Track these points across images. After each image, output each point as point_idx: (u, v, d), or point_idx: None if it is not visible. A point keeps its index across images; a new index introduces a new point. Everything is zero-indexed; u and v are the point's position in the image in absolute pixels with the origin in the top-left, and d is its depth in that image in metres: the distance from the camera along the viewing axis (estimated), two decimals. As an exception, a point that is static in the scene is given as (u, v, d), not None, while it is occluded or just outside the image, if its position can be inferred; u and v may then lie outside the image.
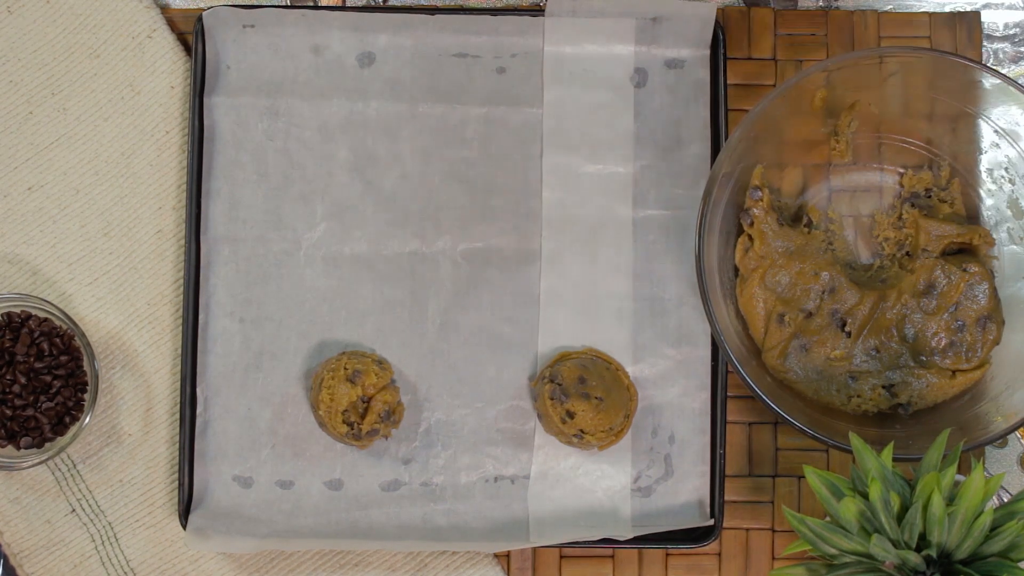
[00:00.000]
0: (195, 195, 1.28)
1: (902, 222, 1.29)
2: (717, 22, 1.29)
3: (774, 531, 1.30)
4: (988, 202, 1.28)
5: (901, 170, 1.30)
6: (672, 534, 1.27)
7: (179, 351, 1.29)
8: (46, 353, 1.24)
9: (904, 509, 1.04)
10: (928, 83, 1.24)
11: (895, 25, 1.33)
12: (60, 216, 1.29)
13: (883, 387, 1.26)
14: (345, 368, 1.25)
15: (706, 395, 1.29)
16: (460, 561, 1.28)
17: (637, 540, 1.26)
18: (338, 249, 1.29)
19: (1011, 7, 1.34)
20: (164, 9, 1.32)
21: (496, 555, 1.29)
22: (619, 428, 1.27)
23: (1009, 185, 1.26)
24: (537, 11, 1.30)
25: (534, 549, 1.29)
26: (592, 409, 1.25)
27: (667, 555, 1.29)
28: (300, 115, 1.30)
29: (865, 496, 1.05)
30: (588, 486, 1.29)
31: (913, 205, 1.29)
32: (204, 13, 1.28)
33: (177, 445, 1.28)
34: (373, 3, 1.32)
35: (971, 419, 1.23)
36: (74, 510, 1.28)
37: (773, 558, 1.30)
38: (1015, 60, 1.34)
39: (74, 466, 1.28)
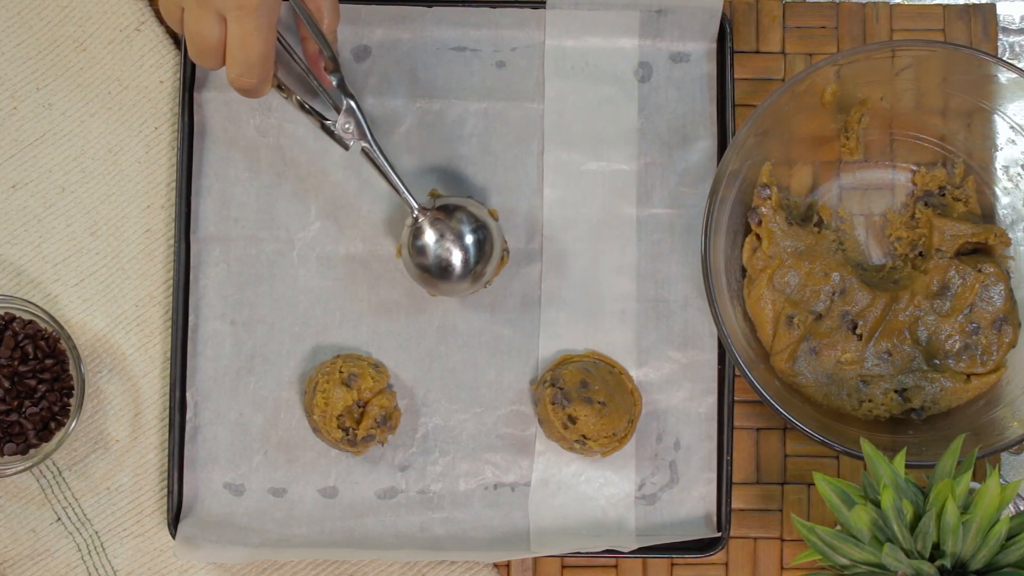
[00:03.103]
0: (185, 193, 1.27)
1: (915, 221, 1.28)
2: (724, 14, 1.29)
3: (783, 540, 1.29)
4: (1004, 200, 1.27)
5: (914, 167, 1.30)
6: (677, 543, 1.26)
7: (168, 354, 1.28)
8: (31, 356, 1.24)
9: (917, 518, 1.03)
10: (942, 78, 1.24)
11: (908, 17, 1.33)
12: (45, 215, 1.29)
13: (895, 391, 1.25)
14: (340, 372, 1.24)
15: (712, 400, 1.28)
16: (459, 571, 1.28)
17: (641, 549, 1.25)
18: (332, 249, 1.28)
19: (1028, -1, 1.35)
20: (152, 1, 1.31)
21: (496, 565, 1.28)
22: (623, 434, 1.26)
23: (1026, 183, 1.27)
24: (538, 3, 1.29)
25: (535, 559, 1.28)
26: (595, 414, 1.24)
27: (672, 564, 1.29)
28: (293, 111, 1.29)
29: (877, 504, 1.04)
30: (591, 494, 1.28)
31: (926, 204, 1.28)
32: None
33: (166, 451, 1.28)
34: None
35: (986, 424, 1.22)
36: (59, 519, 1.27)
37: (782, 568, 1.29)
38: (1032, 54, 1.35)
39: (59, 473, 1.27)
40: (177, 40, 1.30)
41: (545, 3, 1.28)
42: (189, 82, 1.27)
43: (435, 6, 1.28)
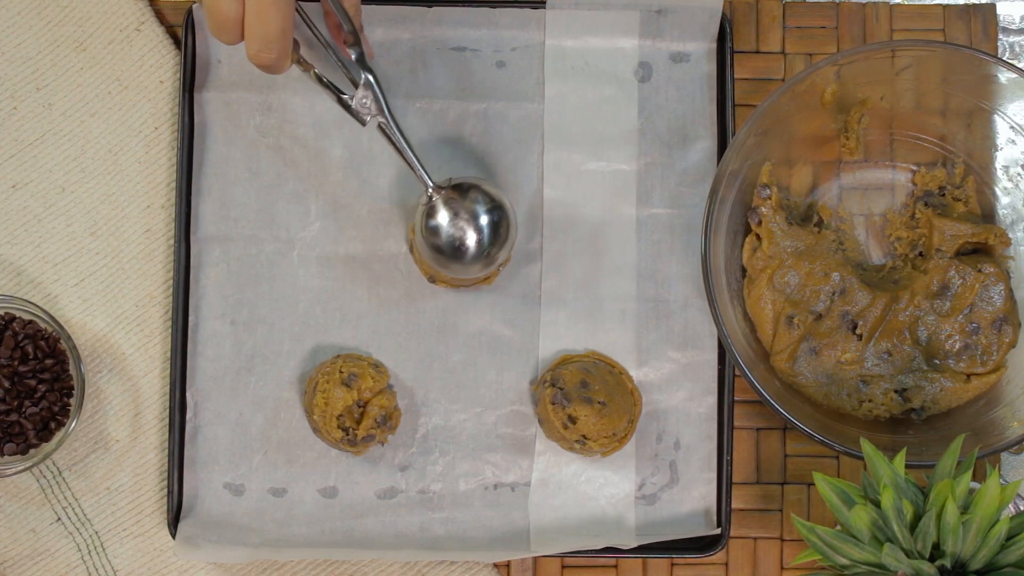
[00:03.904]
0: (185, 193, 1.27)
1: (915, 221, 1.28)
2: (724, 14, 1.29)
3: (783, 540, 1.29)
4: (1004, 200, 1.27)
5: (914, 167, 1.29)
6: (677, 543, 1.26)
7: (168, 354, 1.28)
8: (31, 356, 1.23)
9: (917, 518, 1.03)
10: (942, 78, 1.24)
11: (907, 18, 1.32)
12: (45, 215, 1.29)
13: (895, 391, 1.25)
14: (340, 371, 1.24)
15: (712, 400, 1.28)
16: (459, 571, 1.27)
17: (641, 549, 1.25)
18: (332, 249, 1.28)
19: (1027, -1, 1.34)
20: (153, 1, 1.31)
21: (496, 565, 1.28)
22: (623, 434, 1.26)
23: (1026, 183, 1.26)
24: (538, 3, 1.29)
25: (535, 559, 1.28)
26: (595, 414, 1.23)
27: (672, 564, 1.28)
28: (293, 111, 1.29)
29: (877, 504, 1.04)
30: (591, 494, 1.27)
31: (926, 204, 1.28)
32: (194, 5, 1.27)
33: (166, 451, 1.27)
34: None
35: (986, 424, 1.22)
36: (60, 519, 1.27)
37: (782, 568, 1.29)
38: (1032, 54, 1.34)
39: (59, 473, 1.27)
40: (177, 40, 1.30)
41: (545, 3, 1.28)
42: (189, 82, 1.27)
43: (435, 6, 1.28)
